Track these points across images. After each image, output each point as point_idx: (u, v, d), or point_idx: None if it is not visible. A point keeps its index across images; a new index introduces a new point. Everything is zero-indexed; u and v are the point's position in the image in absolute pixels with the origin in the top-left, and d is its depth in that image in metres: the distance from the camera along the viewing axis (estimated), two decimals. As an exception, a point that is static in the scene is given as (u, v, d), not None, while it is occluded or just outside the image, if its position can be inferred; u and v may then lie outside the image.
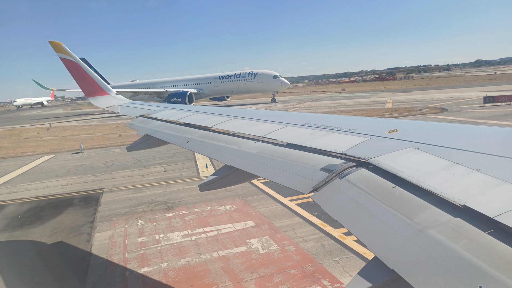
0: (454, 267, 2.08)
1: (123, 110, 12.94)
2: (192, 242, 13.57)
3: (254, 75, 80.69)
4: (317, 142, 4.55)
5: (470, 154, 3.13)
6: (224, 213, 16.30)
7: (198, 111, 9.18)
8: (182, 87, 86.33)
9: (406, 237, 2.45)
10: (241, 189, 18.96)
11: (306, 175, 3.84)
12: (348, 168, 3.59)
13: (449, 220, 2.42)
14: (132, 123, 10.56)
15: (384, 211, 2.80)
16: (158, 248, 13.40)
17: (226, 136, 6.33)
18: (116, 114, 71.51)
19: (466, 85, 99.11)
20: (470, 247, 2.14)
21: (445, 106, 51.33)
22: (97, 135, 46.62)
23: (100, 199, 19.80)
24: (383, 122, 4.95)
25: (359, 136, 4.32)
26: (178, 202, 18.32)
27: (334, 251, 12.00)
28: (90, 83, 15.50)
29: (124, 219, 16.49)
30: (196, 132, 7.30)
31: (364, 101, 71.64)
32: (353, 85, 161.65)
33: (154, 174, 24.56)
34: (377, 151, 3.68)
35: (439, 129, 4.31)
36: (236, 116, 7.46)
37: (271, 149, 4.99)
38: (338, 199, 3.23)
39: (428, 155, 3.32)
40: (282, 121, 6.12)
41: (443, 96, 69.92)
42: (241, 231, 14.24)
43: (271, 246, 12.69)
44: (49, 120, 77.16)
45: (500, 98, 49.34)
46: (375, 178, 3.25)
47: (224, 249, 12.78)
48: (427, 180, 2.86)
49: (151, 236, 14.51)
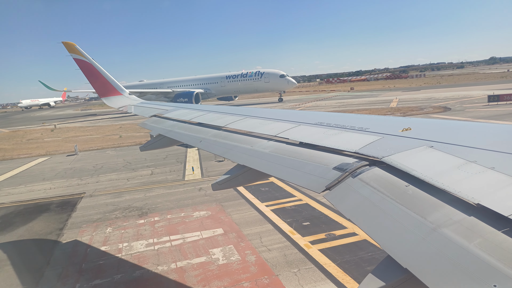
0: (468, 266, 2.08)
1: (136, 110, 13.07)
2: (154, 252, 13.29)
3: (261, 74, 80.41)
4: (329, 141, 4.55)
5: (484, 152, 3.11)
6: (196, 219, 16.04)
7: (211, 111, 9.23)
8: (189, 87, 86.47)
9: (419, 236, 2.45)
10: (221, 193, 18.80)
11: (318, 174, 3.85)
12: (361, 167, 3.59)
13: (463, 219, 2.42)
14: (145, 123, 10.66)
15: (397, 210, 2.80)
16: (118, 258, 13.06)
17: (239, 136, 6.36)
18: (124, 115, 72.42)
19: (476, 83, 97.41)
20: (484, 246, 2.14)
21: (449, 105, 50.58)
22: (98, 136, 46.81)
23: (77, 204, 19.56)
24: (396, 120, 4.92)
25: (372, 135, 4.31)
26: (154, 207, 18.07)
27: (295, 261, 11.73)
28: (104, 83, 15.67)
29: (93, 226, 16.21)
30: (209, 131, 7.35)
31: (370, 100, 70.88)
32: (363, 84, 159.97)
33: (139, 177, 24.35)
34: (390, 150, 3.67)
35: (453, 127, 4.28)
36: (249, 115, 7.49)
37: (284, 148, 5.00)
38: (351, 198, 3.24)
39: (442, 154, 3.30)
40: (294, 120, 6.13)
41: (450, 94, 68.94)
42: (207, 239, 13.97)
43: (232, 256, 12.43)
44: (58, 121, 77.97)
45: (505, 96, 48.54)
46: (388, 177, 3.25)
47: (184, 260, 12.48)
48: (441, 178, 2.85)
49: (115, 245, 14.17)
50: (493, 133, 3.79)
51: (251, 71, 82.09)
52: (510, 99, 48.07)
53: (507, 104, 47.00)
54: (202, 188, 20.66)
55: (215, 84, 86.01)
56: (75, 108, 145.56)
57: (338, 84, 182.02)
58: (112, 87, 15.73)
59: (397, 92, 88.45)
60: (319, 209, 15.94)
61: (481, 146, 3.25)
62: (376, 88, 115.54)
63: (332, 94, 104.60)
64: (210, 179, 22.26)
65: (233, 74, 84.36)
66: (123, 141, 40.14)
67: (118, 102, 15.17)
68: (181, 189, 20.82)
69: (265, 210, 16.48)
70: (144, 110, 12.59)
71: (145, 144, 9.83)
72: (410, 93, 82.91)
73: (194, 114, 9.29)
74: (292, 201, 17.28)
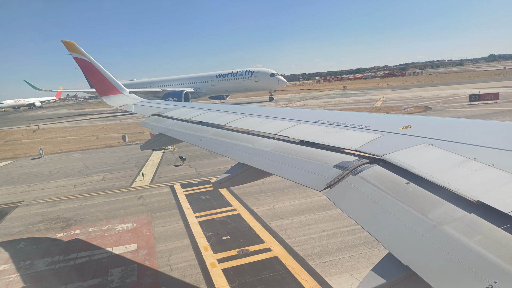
0: (468, 263, 2.09)
1: (136, 109, 13.07)
2: (52, 272, 12.39)
3: (251, 73, 79.85)
4: (330, 139, 4.56)
5: (484, 150, 3.12)
6: (117, 233, 15.27)
7: (211, 109, 9.23)
8: (179, 86, 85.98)
9: (420, 233, 2.46)
10: (158, 203, 18.53)
11: (319, 172, 3.86)
12: (361, 165, 3.60)
13: (463, 216, 2.43)
14: (146, 122, 10.67)
15: (398, 207, 2.81)
16: (8, 280, 12.13)
17: (239, 134, 6.37)
18: (112, 114, 71.57)
19: (467, 82, 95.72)
20: (485, 242, 2.15)
21: (431, 105, 50.20)
22: (76, 138, 46.19)
23: (8, 214, 18.60)
24: (397, 118, 4.93)
25: (372, 133, 4.32)
26: (82, 218, 17.22)
27: (190, 284, 11.13)
28: (104, 82, 15.64)
29: (6, 243, 15.17)
30: (209, 130, 7.36)
31: (357, 99, 70.04)
32: (359, 82, 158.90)
33: (87, 184, 23.59)
34: (390, 148, 3.68)
35: (453, 125, 4.28)
36: (249, 114, 7.50)
37: (284, 146, 5.01)
38: (352, 196, 3.25)
39: (442, 151, 3.31)
40: (295, 118, 6.14)
41: (438, 93, 68.35)
42: (114, 257, 13.21)
43: (129, 278, 11.67)
44: (47, 121, 76.60)
45: (486, 96, 48.28)
46: (388, 175, 3.26)
47: (76, 282, 11.63)
48: (441, 176, 2.86)
49: (14, 264, 13.22)
50: (493, 130, 3.79)
51: (241, 70, 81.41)
52: (491, 98, 47.88)
53: (487, 104, 46.69)
54: (144, 196, 19.95)
55: (206, 83, 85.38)
56: (71, 107, 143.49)
57: (335, 82, 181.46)
58: (112, 86, 15.70)
59: (387, 91, 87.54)
60: (248, 220, 15.39)
61: (482, 144, 3.25)
62: (369, 87, 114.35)
63: (324, 92, 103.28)
64: (158, 185, 21.85)
65: (223, 73, 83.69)
66: (98, 143, 39.50)
67: (118, 101, 15.15)
68: (121, 198, 20.00)
69: (192, 222, 15.83)
70: (144, 109, 12.59)
71: (146, 143, 9.84)
72: (399, 91, 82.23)
73: (194, 113, 9.29)
74: (225, 211, 16.72)
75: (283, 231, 14.04)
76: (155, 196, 19.85)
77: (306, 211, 15.81)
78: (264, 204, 17.09)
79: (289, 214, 15.63)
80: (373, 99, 67.82)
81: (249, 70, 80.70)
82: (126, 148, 36.07)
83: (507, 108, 41.79)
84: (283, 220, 15.11)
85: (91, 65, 15.41)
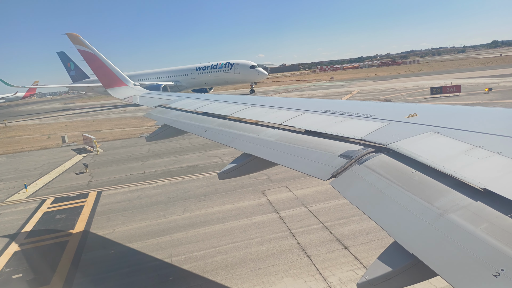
0: (475, 251, 2.08)
1: (141, 100, 13.08)
2: None
3: (230, 65, 78.36)
4: (335, 129, 4.54)
5: (491, 137, 3.09)
6: None
7: (216, 100, 9.22)
8: (159, 80, 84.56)
9: (426, 222, 2.45)
10: (9, 222, 15.55)
11: (324, 162, 3.85)
12: (367, 154, 3.59)
13: (469, 204, 2.41)
14: (151, 113, 10.68)
15: (404, 196, 2.80)
16: None
17: (244, 124, 6.36)
18: (90, 109, 68.93)
19: (453, 71, 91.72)
20: (491, 230, 2.13)
21: (394, 98, 48.09)
22: (31, 137, 43.29)
23: None
24: (403, 106, 4.90)
25: (377, 122, 4.29)
26: None
27: None
28: (109, 74, 15.65)
29: None
30: (214, 121, 7.35)
31: (330, 92, 66.75)
32: (350, 72, 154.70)
33: None
34: (396, 136, 3.66)
35: (459, 112, 4.24)
36: (254, 104, 7.48)
37: (289, 136, 5.00)
38: (357, 185, 3.24)
39: (448, 139, 3.29)
40: (299, 108, 6.11)
41: (412, 84, 65.48)
42: None
43: None
44: (24, 117, 73.28)
45: (448, 88, 47.09)
46: (394, 163, 3.24)
47: None
48: (447, 164, 2.84)
49: None
50: (499, 117, 3.75)
51: (221, 63, 79.86)
52: (453, 91, 46.91)
53: (450, 97, 45.38)
54: (2, 214, 16.82)
55: (186, 76, 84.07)
56: (62, 101, 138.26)
57: (330, 72, 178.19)
58: (117, 78, 15.71)
59: (368, 82, 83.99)
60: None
61: (488, 131, 3.22)
62: (356, 77, 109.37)
63: (309, 84, 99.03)
64: (35, 199, 18.69)
65: (203, 66, 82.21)
66: (40, 144, 36.93)
67: (123, 93, 15.17)
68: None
69: (8, 252, 12.62)
70: (149, 100, 12.61)
71: (151, 134, 9.86)
72: (378, 83, 78.95)
73: (199, 104, 9.29)
74: (57, 237, 13.76)
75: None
76: (8, 215, 16.66)
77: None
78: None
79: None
80: (346, 92, 64.97)
81: (229, 62, 78.76)
82: (58, 150, 32.66)
83: (465, 102, 40.10)
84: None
85: (95, 57, 15.41)
